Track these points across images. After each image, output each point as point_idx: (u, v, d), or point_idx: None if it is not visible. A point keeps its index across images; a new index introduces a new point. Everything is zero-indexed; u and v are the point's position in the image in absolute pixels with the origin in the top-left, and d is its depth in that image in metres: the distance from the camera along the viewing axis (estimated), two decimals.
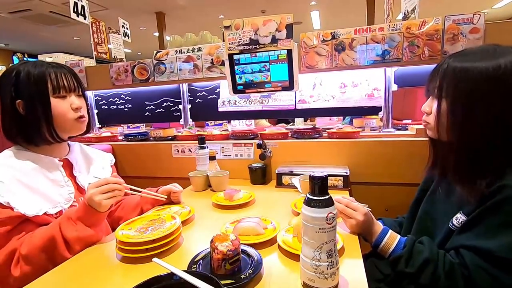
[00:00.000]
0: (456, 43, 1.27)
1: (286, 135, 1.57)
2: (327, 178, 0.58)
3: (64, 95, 0.90)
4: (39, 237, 0.77)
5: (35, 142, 0.90)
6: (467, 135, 0.69)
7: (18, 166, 0.86)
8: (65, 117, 0.90)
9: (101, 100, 2.13)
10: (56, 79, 0.88)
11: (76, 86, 0.94)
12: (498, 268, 0.61)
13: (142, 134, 1.85)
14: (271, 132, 1.58)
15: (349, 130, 1.47)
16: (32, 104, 0.86)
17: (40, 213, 0.81)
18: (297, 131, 1.56)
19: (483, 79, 0.66)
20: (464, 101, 0.68)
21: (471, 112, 0.68)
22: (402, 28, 1.33)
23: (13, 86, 0.86)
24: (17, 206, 0.79)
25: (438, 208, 0.82)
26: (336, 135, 1.48)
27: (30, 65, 0.88)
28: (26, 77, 0.86)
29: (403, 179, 1.33)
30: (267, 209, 1.10)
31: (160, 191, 1.14)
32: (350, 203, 0.87)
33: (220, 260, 0.62)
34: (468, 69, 0.67)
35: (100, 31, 2.13)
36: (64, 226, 0.78)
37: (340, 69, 1.44)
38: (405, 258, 0.72)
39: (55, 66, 0.91)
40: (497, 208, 0.63)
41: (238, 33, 1.39)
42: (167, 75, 1.74)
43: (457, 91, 0.69)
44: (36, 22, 6.58)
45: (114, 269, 0.73)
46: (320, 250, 0.57)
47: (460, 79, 0.69)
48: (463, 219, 0.69)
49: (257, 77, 1.47)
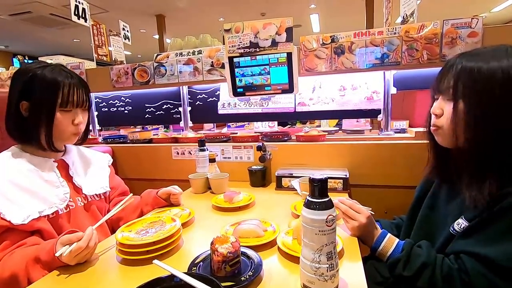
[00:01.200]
0: (454, 47, 1.28)
1: (257, 138, 1.63)
2: (327, 180, 0.58)
3: (70, 109, 0.91)
4: (7, 268, 0.74)
5: (31, 144, 0.91)
6: (483, 138, 0.67)
7: (14, 167, 0.86)
8: (64, 130, 0.91)
9: (101, 102, 2.13)
10: (67, 94, 0.88)
11: (84, 100, 0.94)
12: (498, 276, 0.60)
13: (121, 137, 1.89)
14: (242, 135, 1.64)
15: (315, 134, 1.54)
16: (38, 110, 0.87)
17: (27, 221, 0.80)
18: (266, 134, 1.61)
19: (499, 79, 0.64)
20: (482, 102, 0.66)
21: (487, 113, 0.66)
22: (401, 32, 1.34)
23: (24, 86, 0.86)
24: (5, 211, 0.78)
25: (438, 212, 0.82)
26: (303, 138, 1.54)
27: (48, 70, 0.88)
28: (39, 82, 0.86)
29: (402, 182, 1.33)
30: (267, 212, 1.11)
31: (159, 193, 1.15)
32: (354, 204, 0.87)
33: (220, 262, 0.62)
34: (484, 69, 0.66)
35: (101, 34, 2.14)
36: (32, 268, 0.74)
37: (339, 72, 1.45)
38: (403, 262, 0.71)
39: (70, 77, 0.90)
40: (501, 215, 0.62)
41: (238, 36, 1.40)
42: (167, 77, 1.74)
43: (473, 92, 0.67)
44: (37, 24, 6.59)
45: (114, 271, 0.73)
46: (320, 252, 0.57)
47: (476, 79, 0.66)
48: (465, 225, 0.68)
49: (257, 79, 1.47)
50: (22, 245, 0.80)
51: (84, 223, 0.94)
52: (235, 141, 1.61)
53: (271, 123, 2.00)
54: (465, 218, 0.69)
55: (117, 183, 1.18)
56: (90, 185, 1.03)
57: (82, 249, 0.72)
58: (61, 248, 0.72)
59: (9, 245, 0.79)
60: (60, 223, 0.89)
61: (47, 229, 0.85)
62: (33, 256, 0.74)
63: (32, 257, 0.74)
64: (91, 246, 0.74)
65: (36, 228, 0.83)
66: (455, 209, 0.75)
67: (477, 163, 0.68)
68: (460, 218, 0.71)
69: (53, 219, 0.88)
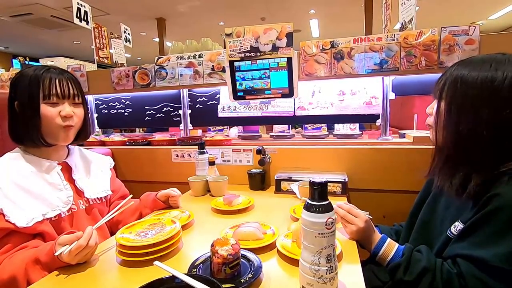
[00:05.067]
0: (452, 53, 1.30)
1: (174, 142, 1.75)
2: (326, 184, 0.59)
3: (55, 102, 0.90)
4: (6, 271, 0.74)
5: (30, 144, 0.91)
6: (455, 136, 0.73)
7: (18, 169, 0.87)
8: (52, 123, 0.89)
9: (101, 104, 2.14)
10: (48, 86, 0.88)
11: (73, 94, 0.93)
12: (492, 277, 0.61)
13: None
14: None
15: (220, 138, 1.70)
16: (24, 106, 0.88)
17: (31, 224, 0.80)
18: (180, 138, 1.76)
19: (477, 86, 0.69)
20: (458, 102, 0.72)
21: (461, 114, 0.71)
22: (399, 38, 1.36)
23: (13, 87, 0.89)
24: (10, 213, 0.78)
25: (436, 217, 0.83)
26: (208, 142, 1.65)
27: (33, 69, 0.90)
28: (23, 80, 0.88)
29: (400, 186, 1.34)
30: (266, 215, 1.11)
31: (158, 196, 1.15)
32: (352, 209, 0.87)
33: (221, 264, 0.63)
34: (467, 76, 0.71)
35: (102, 36, 2.15)
36: (31, 270, 0.74)
37: (339, 77, 1.47)
38: (403, 267, 0.72)
39: (54, 72, 0.91)
40: (490, 217, 0.64)
41: (239, 40, 1.42)
42: (168, 80, 1.75)
43: (453, 92, 0.73)
44: (37, 26, 6.61)
45: (113, 272, 0.73)
46: (319, 255, 0.58)
47: (458, 83, 0.72)
48: (461, 227, 0.70)
49: (257, 84, 1.49)
50: (23, 248, 0.80)
51: (85, 226, 0.93)
52: (153, 145, 1.77)
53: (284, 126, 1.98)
54: (461, 221, 0.71)
55: (118, 187, 1.19)
56: (92, 189, 1.03)
57: (82, 247, 0.72)
58: (60, 248, 0.72)
59: (11, 248, 0.79)
60: (62, 226, 0.89)
61: (49, 232, 0.85)
62: (33, 258, 0.74)
63: (31, 258, 0.74)
64: (91, 244, 0.74)
65: (38, 231, 0.83)
66: (453, 213, 0.76)
67: (448, 156, 0.76)
68: (457, 221, 0.72)
69: (55, 222, 0.88)
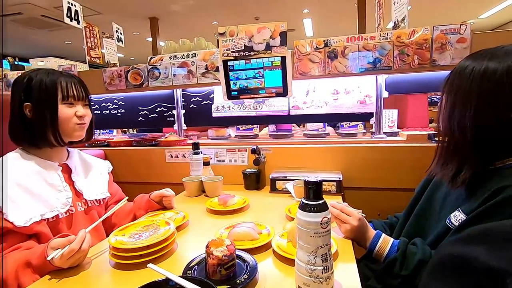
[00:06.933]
0: (444, 52, 1.31)
1: (130, 142, 1.81)
2: (321, 183, 0.59)
3: (72, 103, 0.96)
4: None
5: (38, 145, 0.93)
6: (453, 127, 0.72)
7: (19, 169, 0.87)
8: (69, 122, 0.95)
9: (93, 105, 2.10)
10: (66, 88, 0.94)
11: (84, 96, 0.99)
12: None
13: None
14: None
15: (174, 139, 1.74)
16: (41, 108, 0.91)
17: (29, 224, 0.80)
18: (136, 139, 1.81)
19: (470, 78, 0.68)
20: (456, 95, 0.71)
21: (458, 106, 0.70)
22: (392, 37, 1.37)
23: (24, 90, 0.90)
24: (9, 212, 0.78)
25: (435, 206, 0.82)
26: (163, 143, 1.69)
27: (43, 73, 0.93)
28: (38, 84, 0.91)
29: (395, 184, 1.35)
30: (261, 214, 1.11)
31: (152, 196, 1.14)
32: (345, 208, 0.88)
33: (216, 265, 0.62)
34: (469, 68, 0.69)
35: (94, 36, 2.12)
36: (22, 273, 0.72)
37: (332, 76, 1.47)
38: (399, 261, 0.72)
39: (66, 76, 0.96)
40: (497, 210, 0.62)
41: (233, 39, 1.41)
42: (161, 80, 1.74)
43: (453, 86, 0.72)
44: (27, 25, 6.50)
45: (107, 275, 0.72)
46: (315, 254, 0.58)
47: (458, 76, 0.71)
48: (461, 217, 0.69)
49: (252, 83, 1.48)
50: (17, 248, 0.78)
51: (83, 228, 0.93)
52: (111, 146, 1.80)
53: None
54: (462, 211, 0.69)
55: (115, 190, 1.19)
56: (91, 190, 1.03)
57: (74, 251, 0.71)
58: (52, 252, 0.71)
59: (5, 248, 0.78)
60: (60, 227, 0.89)
61: (45, 233, 0.84)
62: (24, 261, 0.73)
63: (22, 261, 0.73)
64: (84, 248, 0.73)
65: (34, 232, 0.82)
66: (452, 202, 0.75)
67: (446, 148, 0.75)
68: (456, 211, 0.71)
69: (52, 223, 0.87)
